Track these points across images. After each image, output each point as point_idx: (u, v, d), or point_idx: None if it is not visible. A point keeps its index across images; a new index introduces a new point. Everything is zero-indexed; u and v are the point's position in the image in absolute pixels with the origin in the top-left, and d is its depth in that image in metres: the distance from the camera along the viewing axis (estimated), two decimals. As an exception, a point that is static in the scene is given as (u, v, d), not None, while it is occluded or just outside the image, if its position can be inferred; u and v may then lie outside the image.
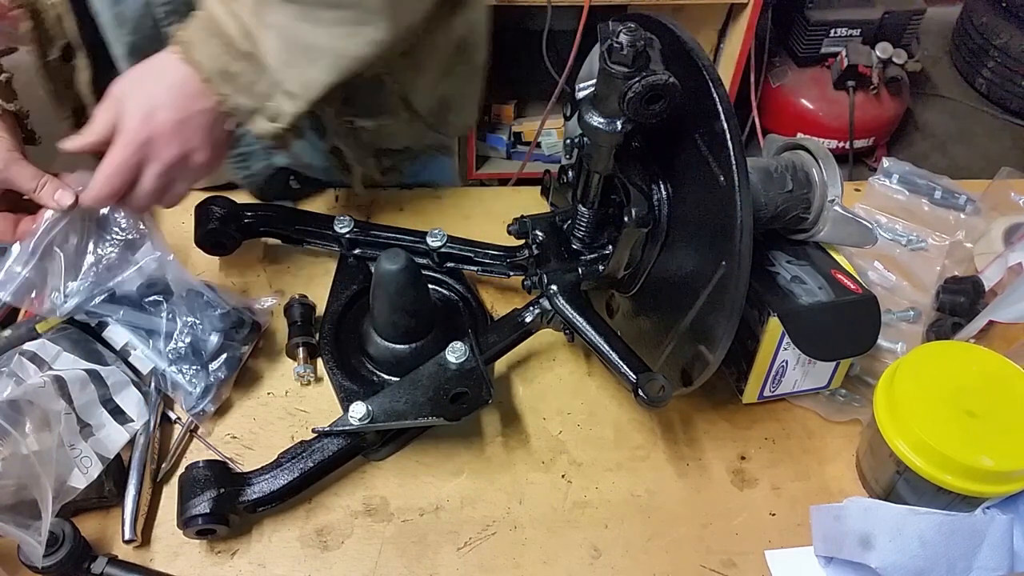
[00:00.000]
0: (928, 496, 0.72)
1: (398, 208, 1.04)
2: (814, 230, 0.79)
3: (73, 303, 0.77)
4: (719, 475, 0.81)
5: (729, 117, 0.63)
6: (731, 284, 0.64)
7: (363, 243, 0.92)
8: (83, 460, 0.71)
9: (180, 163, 0.75)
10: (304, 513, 0.76)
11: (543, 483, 0.79)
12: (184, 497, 0.71)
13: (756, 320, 0.78)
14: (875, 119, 2.47)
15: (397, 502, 0.77)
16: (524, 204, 0.96)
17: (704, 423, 0.84)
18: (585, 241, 0.83)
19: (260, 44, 0.72)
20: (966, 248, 0.98)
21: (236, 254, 0.95)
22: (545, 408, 0.85)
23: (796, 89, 2.49)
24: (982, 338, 0.85)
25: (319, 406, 0.84)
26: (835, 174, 0.77)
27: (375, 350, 0.84)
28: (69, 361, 0.76)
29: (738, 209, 0.62)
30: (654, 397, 0.70)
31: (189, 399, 0.80)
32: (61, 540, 0.66)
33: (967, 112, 2.86)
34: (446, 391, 0.75)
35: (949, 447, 0.68)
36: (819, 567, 0.74)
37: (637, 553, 0.75)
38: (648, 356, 0.76)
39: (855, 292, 0.77)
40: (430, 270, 0.91)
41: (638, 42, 0.62)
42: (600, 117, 0.68)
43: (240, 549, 0.74)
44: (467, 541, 0.75)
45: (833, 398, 0.85)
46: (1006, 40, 2.72)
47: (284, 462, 0.74)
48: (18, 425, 0.67)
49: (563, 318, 0.80)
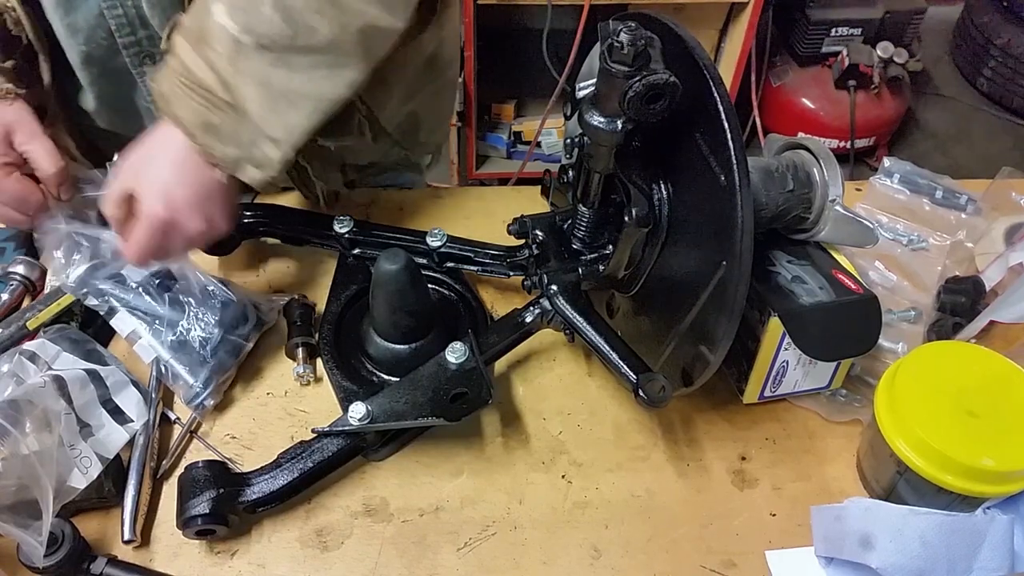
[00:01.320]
0: (929, 496, 0.71)
1: (398, 208, 1.04)
2: (815, 230, 0.79)
3: (76, 275, 0.81)
4: (719, 475, 0.81)
5: (730, 117, 0.63)
6: (732, 284, 0.64)
7: (363, 243, 0.92)
8: (83, 460, 0.71)
9: (204, 231, 0.76)
10: (304, 513, 0.76)
11: (543, 483, 0.79)
12: (183, 497, 0.71)
13: (757, 320, 0.78)
14: (876, 119, 2.47)
15: (397, 502, 0.77)
16: (524, 204, 0.96)
17: (704, 423, 0.84)
18: (585, 241, 0.83)
19: (238, 92, 0.72)
20: (967, 248, 0.98)
21: (236, 254, 0.95)
22: (545, 408, 0.85)
23: (797, 88, 2.49)
24: (983, 338, 0.85)
25: (319, 406, 0.84)
26: (836, 174, 0.76)
27: (375, 350, 0.84)
28: (69, 361, 0.76)
29: (739, 209, 0.62)
30: (654, 397, 0.70)
31: (189, 392, 0.80)
32: (61, 540, 0.66)
33: (968, 112, 2.86)
34: (446, 391, 0.75)
35: (950, 447, 0.68)
36: (819, 567, 0.74)
37: (637, 553, 0.75)
38: (648, 356, 0.76)
39: (856, 292, 0.77)
40: (430, 270, 0.91)
41: (638, 41, 0.62)
42: (600, 116, 0.68)
43: (240, 549, 0.74)
44: (467, 541, 0.75)
45: (834, 398, 0.85)
46: (1007, 40, 2.72)
47: (284, 462, 0.74)
48: (18, 425, 0.67)
49: (563, 318, 0.79)
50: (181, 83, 0.72)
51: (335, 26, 0.72)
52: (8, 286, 0.88)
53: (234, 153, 0.74)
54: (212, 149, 0.73)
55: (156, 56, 0.84)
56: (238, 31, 0.70)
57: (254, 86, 0.72)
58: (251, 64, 0.71)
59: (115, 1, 0.79)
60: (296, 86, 0.73)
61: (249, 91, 0.72)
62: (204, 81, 0.71)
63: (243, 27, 0.70)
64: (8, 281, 0.88)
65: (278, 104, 0.73)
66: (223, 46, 0.71)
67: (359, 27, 0.73)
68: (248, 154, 0.74)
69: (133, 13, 0.80)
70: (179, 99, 0.72)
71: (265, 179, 0.76)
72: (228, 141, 0.73)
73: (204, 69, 0.71)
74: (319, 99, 0.75)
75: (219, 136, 0.73)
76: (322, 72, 0.74)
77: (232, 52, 0.71)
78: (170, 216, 0.73)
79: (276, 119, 0.73)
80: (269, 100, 0.73)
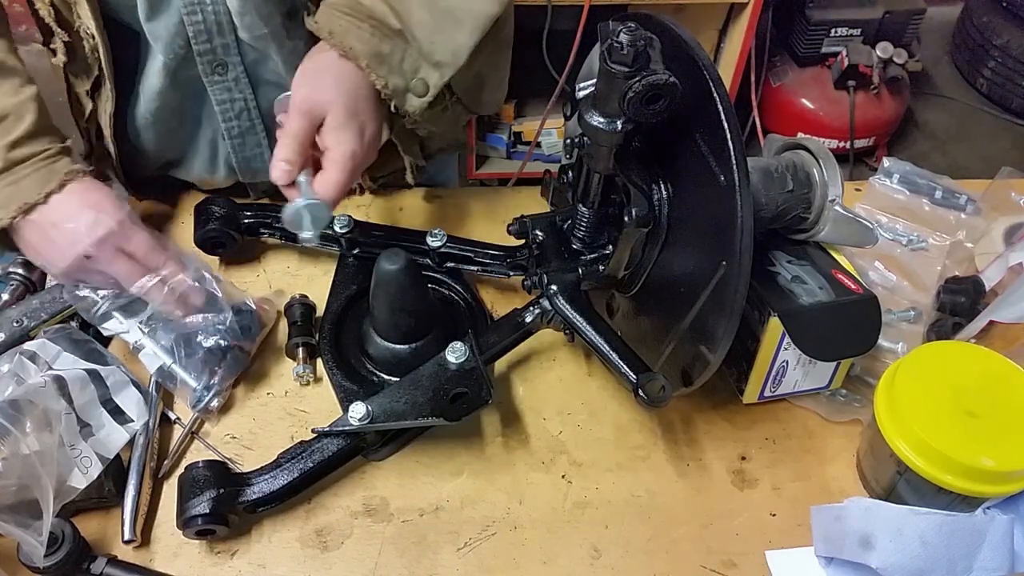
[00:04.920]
0: (929, 496, 0.71)
1: (398, 208, 1.04)
2: (815, 230, 0.79)
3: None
4: (719, 475, 0.81)
5: (729, 117, 0.63)
6: (731, 284, 0.64)
7: (363, 243, 0.92)
8: (83, 460, 0.71)
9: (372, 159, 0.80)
10: (304, 513, 0.76)
11: (543, 483, 0.79)
12: (183, 497, 0.71)
13: (756, 320, 0.78)
14: (876, 119, 2.47)
15: (397, 502, 0.77)
16: (524, 204, 0.96)
17: (704, 423, 0.84)
18: (585, 241, 0.83)
19: (407, 19, 0.74)
20: (967, 248, 0.98)
21: (236, 254, 0.95)
22: (545, 408, 0.85)
23: (796, 89, 2.49)
24: (983, 338, 0.85)
25: (319, 406, 0.84)
26: (836, 174, 0.76)
27: (375, 350, 0.84)
28: (69, 361, 0.76)
29: (738, 209, 0.62)
30: (654, 397, 0.70)
31: (193, 396, 0.80)
32: (61, 540, 0.66)
33: (967, 112, 2.85)
34: (446, 391, 0.75)
35: (950, 447, 0.68)
36: (819, 567, 0.74)
37: (637, 553, 0.75)
38: (648, 356, 0.76)
39: (856, 292, 0.77)
40: (430, 270, 0.91)
41: (638, 42, 0.62)
42: (600, 117, 0.68)
43: (240, 549, 0.74)
44: (467, 541, 0.75)
45: (834, 398, 0.85)
46: (1007, 40, 2.72)
47: (284, 462, 0.74)
48: (19, 424, 0.67)
49: (563, 318, 0.79)
50: (350, 16, 0.74)
51: None
52: (8, 286, 0.88)
53: (401, 82, 0.77)
54: (383, 78, 0.75)
55: (228, 65, 0.85)
56: None
57: (422, 10, 0.75)
58: None
59: (195, 7, 0.80)
60: (459, 5, 0.76)
61: (418, 16, 0.75)
62: (374, 11, 0.74)
63: None
64: (8, 281, 0.88)
65: (444, 25, 0.76)
66: None
67: None
68: (410, 83, 0.77)
69: (212, 20, 0.81)
70: (350, 31, 0.75)
71: (424, 106, 0.78)
72: (396, 71, 0.76)
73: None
74: (478, 16, 0.78)
75: (390, 65, 0.75)
76: None
77: None
78: (362, 153, 0.77)
79: (443, 41, 0.76)
80: (437, 22, 0.76)
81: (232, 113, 0.90)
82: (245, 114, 0.90)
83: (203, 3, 0.79)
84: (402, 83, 0.77)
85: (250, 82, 0.88)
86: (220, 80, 0.86)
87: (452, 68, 0.78)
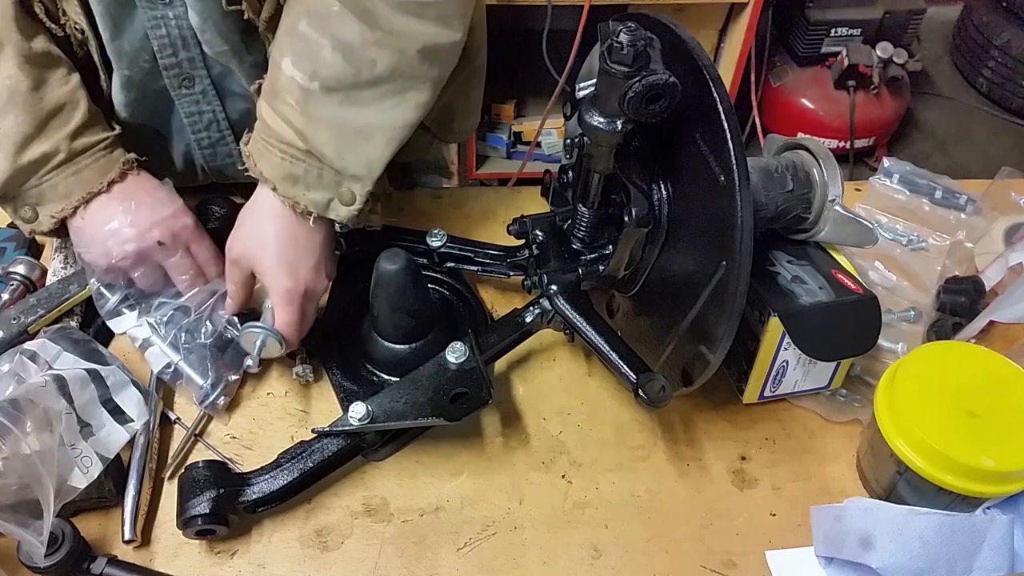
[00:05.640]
0: (929, 496, 0.71)
1: (398, 208, 1.04)
2: (815, 230, 0.79)
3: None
4: (719, 475, 0.81)
5: (729, 117, 0.63)
6: (731, 284, 0.64)
7: (363, 243, 0.92)
8: (83, 460, 0.71)
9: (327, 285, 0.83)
10: (304, 514, 0.76)
11: (543, 483, 0.79)
12: (184, 497, 0.71)
13: (756, 320, 0.78)
14: (876, 119, 2.47)
15: (397, 502, 0.77)
16: (524, 204, 0.97)
17: (704, 423, 0.84)
18: (585, 241, 0.83)
19: (313, 140, 0.74)
20: (967, 248, 0.98)
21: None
22: (545, 408, 0.85)
23: (796, 89, 2.49)
24: (983, 338, 0.85)
25: (319, 406, 0.84)
26: (835, 174, 0.77)
27: (375, 350, 0.84)
28: (69, 361, 0.76)
29: (738, 209, 0.62)
30: (654, 397, 0.70)
31: (200, 392, 0.80)
32: (61, 540, 0.66)
33: (967, 112, 2.85)
34: (446, 391, 0.75)
35: (950, 447, 0.68)
36: (819, 567, 0.74)
37: (637, 553, 0.75)
38: (648, 356, 0.76)
39: (856, 292, 0.77)
40: (430, 270, 0.91)
41: (638, 42, 0.62)
42: (600, 117, 0.68)
43: (240, 549, 0.74)
44: (467, 541, 0.75)
45: (833, 398, 0.85)
46: (1007, 40, 2.71)
47: (284, 462, 0.74)
48: (19, 424, 0.67)
49: (563, 318, 0.80)
50: (264, 140, 0.76)
51: (394, 54, 0.73)
52: (8, 286, 0.88)
53: (320, 197, 0.76)
54: (298, 198, 0.76)
55: (195, 78, 0.85)
56: (305, 79, 0.73)
57: (328, 130, 0.74)
58: (321, 109, 0.73)
59: (160, 22, 0.80)
60: (367, 120, 0.75)
61: (323, 136, 0.74)
62: (283, 135, 0.74)
63: (309, 74, 0.72)
64: (8, 281, 0.88)
65: (354, 142, 0.75)
66: (294, 96, 0.73)
67: (418, 49, 0.73)
68: (335, 194, 0.77)
69: (176, 34, 0.81)
70: (262, 155, 0.76)
71: (354, 214, 0.78)
72: (313, 187, 0.76)
73: (281, 124, 0.74)
74: (391, 128, 0.76)
75: (305, 184, 0.75)
76: (391, 101, 0.75)
77: (302, 101, 0.73)
78: (304, 288, 0.78)
79: (354, 157, 0.75)
80: (344, 140, 0.75)
81: (201, 125, 0.90)
82: (215, 125, 0.91)
83: (167, 18, 0.79)
84: (324, 197, 0.76)
85: (218, 94, 0.88)
86: (188, 93, 0.86)
87: (370, 180, 0.77)
